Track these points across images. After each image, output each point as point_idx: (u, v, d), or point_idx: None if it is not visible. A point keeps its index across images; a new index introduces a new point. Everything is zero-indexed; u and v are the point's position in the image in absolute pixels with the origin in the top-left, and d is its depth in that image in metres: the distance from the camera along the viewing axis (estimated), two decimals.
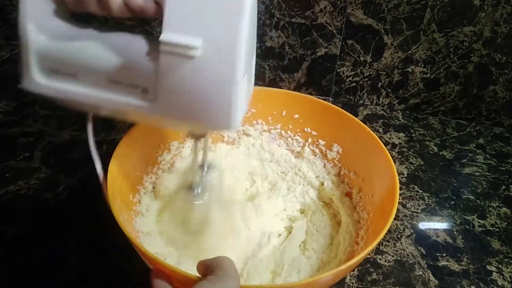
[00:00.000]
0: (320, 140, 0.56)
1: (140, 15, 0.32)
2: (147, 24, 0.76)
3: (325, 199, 0.55)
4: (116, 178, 0.41)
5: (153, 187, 0.51)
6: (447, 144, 0.70)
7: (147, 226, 0.46)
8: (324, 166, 0.56)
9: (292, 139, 0.58)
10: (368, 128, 0.49)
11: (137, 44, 0.34)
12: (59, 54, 0.35)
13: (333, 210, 0.53)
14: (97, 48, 0.34)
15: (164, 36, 0.30)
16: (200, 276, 0.31)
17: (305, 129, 0.56)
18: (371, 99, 0.78)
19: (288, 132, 0.58)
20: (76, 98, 0.36)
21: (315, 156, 0.57)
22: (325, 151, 0.56)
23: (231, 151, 0.58)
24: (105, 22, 0.70)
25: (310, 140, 0.57)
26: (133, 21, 0.76)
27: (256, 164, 0.58)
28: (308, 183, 0.56)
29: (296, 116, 0.56)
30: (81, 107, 0.43)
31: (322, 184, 0.55)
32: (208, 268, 0.30)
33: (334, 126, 0.54)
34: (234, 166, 0.57)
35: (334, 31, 0.70)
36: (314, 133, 0.56)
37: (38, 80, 0.35)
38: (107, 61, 0.34)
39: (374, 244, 0.36)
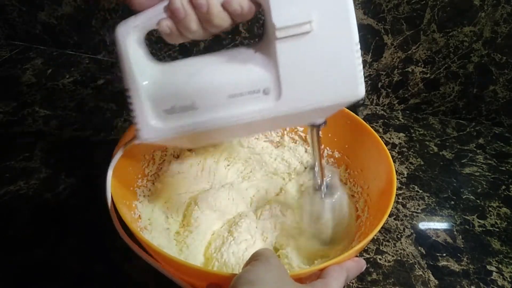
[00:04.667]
0: (298, 127, 0.57)
1: (239, 18, 0.32)
2: None
3: None
4: (118, 195, 0.41)
5: (148, 201, 0.50)
6: (447, 144, 0.70)
7: (156, 240, 0.45)
8: (306, 151, 0.58)
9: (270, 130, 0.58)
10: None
11: (241, 52, 0.34)
12: (171, 90, 0.34)
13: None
14: (207, 68, 0.34)
15: (278, 22, 0.30)
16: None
17: None
18: (371, 99, 0.78)
19: None
20: (199, 128, 0.35)
21: (296, 143, 0.58)
22: (305, 136, 0.57)
23: (215, 153, 0.57)
24: None
25: (288, 128, 0.58)
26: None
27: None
28: (293, 170, 0.57)
29: None
30: (204, 139, 0.43)
31: (306, 168, 0.57)
32: (249, 261, 0.31)
33: None
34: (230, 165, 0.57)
35: None
36: None
37: (157, 125, 0.35)
38: (221, 77, 0.34)
39: (390, 205, 0.38)
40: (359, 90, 0.32)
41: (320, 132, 0.40)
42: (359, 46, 0.31)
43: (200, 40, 0.78)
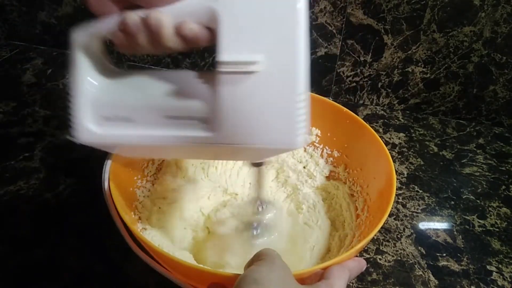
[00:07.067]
0: None
1: (193, 44, 0.31)
2: None
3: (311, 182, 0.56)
4: (117, 197, 0.40)
5: (148, 202, 0.50)
6: (447, 144, 0.70)
7: (156, 241, 0.44)
8: (305, 151, 0.58)
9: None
10: (339, 105, 0.53)
11: (188, 75, 0.34)
12: (113, 98, 0.35)
13: (322, 191, 0.55)
14: (151, 85, 0.34)
15: (223, 57, 0.29)
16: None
17: None
18: (371, 99, 0.78)
19: None
20: (133, 142, 0.35)
21: None
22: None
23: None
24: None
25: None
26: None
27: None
28: (291, 170, 0.57)
29: None
30: (139, 153, 0.43)
31: (305, 167, 0.57)
32: (252, 261, 0.31)
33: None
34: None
35: (334, 31, 0.70)
36: None
37: (92, 129, 0.35)
38: (161, 97, 0.33)
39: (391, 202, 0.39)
40: (295, 142, 0.31)
41: (264, 169, 0.39)
42: (303, 97, 0.30)
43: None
